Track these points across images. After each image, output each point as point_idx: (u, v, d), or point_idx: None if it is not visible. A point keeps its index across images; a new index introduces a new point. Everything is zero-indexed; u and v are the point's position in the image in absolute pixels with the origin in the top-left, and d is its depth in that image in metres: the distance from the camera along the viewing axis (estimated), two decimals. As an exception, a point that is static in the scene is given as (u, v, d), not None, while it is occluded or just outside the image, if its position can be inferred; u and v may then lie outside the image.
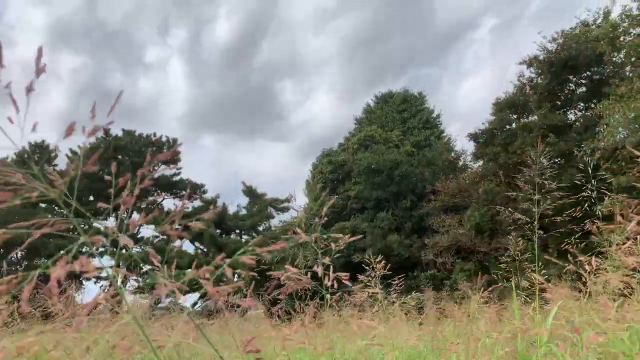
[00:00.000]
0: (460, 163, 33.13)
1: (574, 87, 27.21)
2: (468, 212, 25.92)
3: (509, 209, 5.04)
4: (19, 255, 34.99)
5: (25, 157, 41.74)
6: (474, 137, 28.79)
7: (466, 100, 68.17)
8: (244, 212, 45.79)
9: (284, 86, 77.01)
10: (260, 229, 44.97)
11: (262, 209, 45.78)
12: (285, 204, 46.36)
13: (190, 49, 71.71)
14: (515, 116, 27.98)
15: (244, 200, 46.67)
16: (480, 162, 29.92)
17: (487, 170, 27.30)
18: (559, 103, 26.78)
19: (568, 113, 27.31)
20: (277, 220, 44.97)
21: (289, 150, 74.54)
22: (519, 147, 24.86)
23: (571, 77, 26.62)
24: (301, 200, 41.71)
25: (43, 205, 39.98)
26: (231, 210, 44.56)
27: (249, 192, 46.81)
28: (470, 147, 46.08)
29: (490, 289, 4.62)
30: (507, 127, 27.90)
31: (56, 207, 41.23)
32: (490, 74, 68.61)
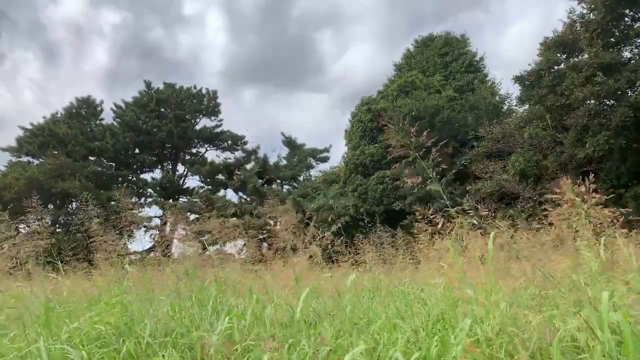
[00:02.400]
0: (505, 107, 31.96)
1: (630, 21, 25.33)
2: (512, 158, 25.23)
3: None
4: (74, 205, 36.87)
5: (73, 112, 43.20)
6: (519, 79, 27.52)
7: (511, 44, 64.88)
8: (284, 162, 46.30)
9: (323, 37, 75.30)
10: (301, 178, 45.48)
11: (301, 159, 46.10)
12: (325, 154, 46.48)
13: (228, 1, 70.71)
14: (564, 56, 26.48)
15: (285, 151, 47.13)
16: (526, 106, 28.76)
17: (533, 113, 26.24)
18: (612, 40, 25.08)
19: (623, 50, 25.59)
20: (317, 170, 45.33)
21: (329, 101, 73.88)
22: (567, 88, 23.67)
23: (628, 11, 24.74)
24: (341, 150, 41.66)
25: (92, 158, 41.64)
26: (271, 161, 45.15)
27: (289, 142, 47.07)
28: (515, 90, 44.20)
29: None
30: (555, 67, 26.49)
31: (105, 160, 42.86)
32: (537, 17, 64.67)
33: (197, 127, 47.17)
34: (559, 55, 26.58)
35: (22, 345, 3.39)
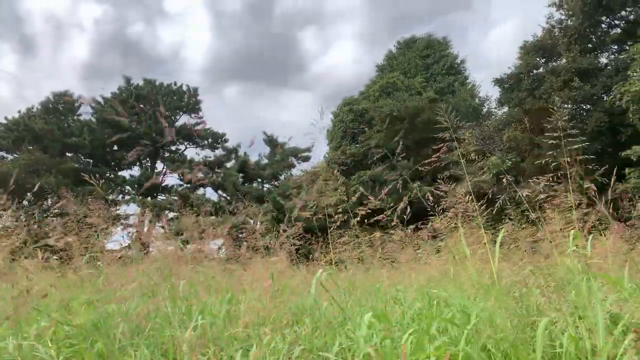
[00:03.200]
0: (485, 110, 32.40)
1: (607, 28, 25.91)
2: (492, 159, 25.59)
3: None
4: (49, 202, 36.12)
5: (50, 107, 42.32)
6: (499, 82, 27.95)
7: (493, 46, 65.80)
8: (265, 161, 46.07)
9: (306, 35, 75.27)
10: (282, 177, 45.33)
11: (283, 158, 45.95)
12: (307, 153, 46.43)
13: (210, -5, 70.22)
14: (543, 60, 26.96)
15: (266, 150, 46.90)
16: (506, 109, 29.19)
17: (512, 116, 26.66)
18: (590, 46, 25.63)
19: (600, 56, 26.17)
20: (298, 169, 45.21)
21: (311, 99, 73.90)
22: (546, 91, 24.10)
23: (605, 17, 25.30)
24: (323, 149, 41.67)
25: (69, 154, 40.86)
26: (252, 159, 44.89)
27: (270, 141, 46.88)
28: (495, 93, 44.83)
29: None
30: (534, 71, 26.94)
31: (82, 157, 42.07)
32: (520, 20, 65.69)
33: (177, 124, 46.66)
34: (538, 59, 27.05)
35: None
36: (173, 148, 47.63)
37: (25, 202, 34.29)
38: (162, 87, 46.00)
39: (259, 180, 45.44)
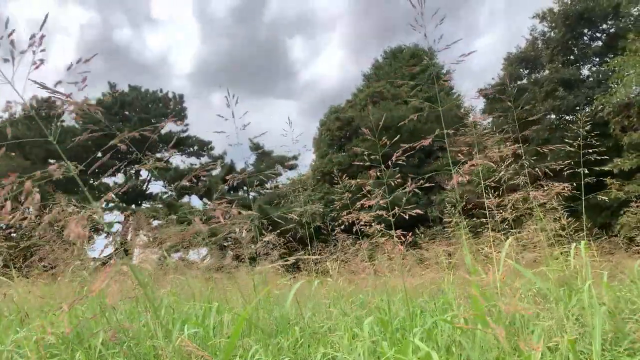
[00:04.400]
0: (470, 119, 32.75)
1: (589, 40, 26.45)
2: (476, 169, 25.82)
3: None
4: (30, 210, 35.56)
5: (32, 113, 41.83)
6: (484, 92, 28.32)
7: (479, 58, 66.64)
8: (251, 168, 45.95)
9: (294, 43, 75.54)
10: (268, 186, 45.24)
11: (269, 166, 45.87)
12: (293, 162, 46.42)
13: (199, 3, 70.17)
14: (526, 71, 27.41)
15: (252, 158, 46.76)
16: (490, 119, 29.57)
17: (496, 126, 26.98)
18: (572, 58, 26.14)
19: (582, 68, 26.69)
20: (285, 177, 45.19)
21: (297, 107, 74.00)
22: (528, 102, 24.46)
23: (586, 30, 25.84)
24: (309, 157, 41.70)
25: (52, 161, 40.31)
26: (238, 167, 44.73)
27: (256, 149, 46.80)
28: (480, 104, 45.38)
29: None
30: (518, 82, 27.37)
31: (65, 163, 41.54)
32: (505, 31, 66.73)
33: (162, 132, 46.33)
34: (521, 70, 27.49)
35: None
36: (158, 155, 47.25)
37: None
38: (148, 94, 45.73)
39: (245, 188, 45.29)
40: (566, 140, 4.58)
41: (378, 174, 5.01)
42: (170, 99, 46.83)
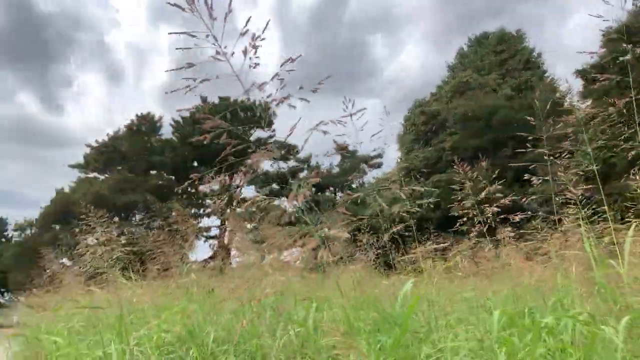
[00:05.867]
0: (566, 104, 30.61)
1: None
2: (577, 157, 24.04)
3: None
4: (137, 217, 38.64)
5: (134, 129, 45.33)
6: (582, 73, 26.32)
7: (573, 35, 62.01)
8: (336, 169, 46.36)
9: (375, 41, 75.15)
10: (354, 185, 45.37)
11: (354, 165, 45.98)
12: (377, 160, 46.16)
13: (280, 9, 72.17)
14: (630, 46, 25.06)
15: (337, 159, 47.17)
16: (589, 102, 27.41)
17: (597, 109, 24.93)
18: (685, 26, 23.48)
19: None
20: (370, 176, 45.04)
21: (381, 105, 73.49)
22: (635, 80, 22.35)
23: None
24: (394, 155, 41.29)
25: (153, 172, 43.43)
26: (324, 168, 45.33)
27: (340, 149, 46.99)
28: (577, 85, 42.24)
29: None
30: (621, 59, 25.09)
31: (164, 174, 44.59)
32: (599, 6, 61.48)
33: (252, 139, 48.14)
34: (624, 45, 25.18)
35: (100, 354, 3.57)
36: (249, 161, 49.12)
37: (115, 218, 36.99)
38: (236, 104, 47.77)
39: (331, 188, 45.79)
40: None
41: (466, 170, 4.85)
42: (257, 107, 48.54)
